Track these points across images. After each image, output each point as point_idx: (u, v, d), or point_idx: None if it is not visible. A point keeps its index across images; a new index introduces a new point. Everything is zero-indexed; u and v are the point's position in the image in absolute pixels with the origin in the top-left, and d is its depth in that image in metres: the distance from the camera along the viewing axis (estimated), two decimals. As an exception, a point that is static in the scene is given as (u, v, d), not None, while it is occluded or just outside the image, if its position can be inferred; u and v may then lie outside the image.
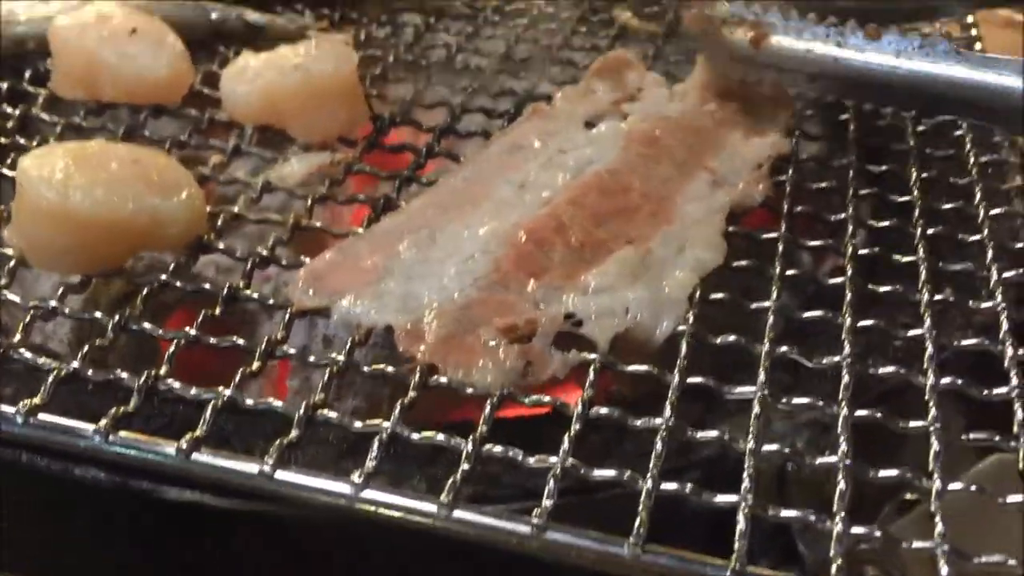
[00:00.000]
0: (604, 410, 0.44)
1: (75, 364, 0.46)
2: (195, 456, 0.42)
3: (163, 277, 0.51)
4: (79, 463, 0.44)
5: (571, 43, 0.81)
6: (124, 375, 0.45)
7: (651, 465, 0.41)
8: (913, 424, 0.44)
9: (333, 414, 0.44)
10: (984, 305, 0.51)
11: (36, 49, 0.71)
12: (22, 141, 0.63)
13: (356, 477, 0.40)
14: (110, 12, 0.68)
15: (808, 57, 0.65)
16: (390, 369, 0.46)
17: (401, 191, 0.60)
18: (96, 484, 0.44)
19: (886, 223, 0.58)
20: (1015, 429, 0.43)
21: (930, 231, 0.56)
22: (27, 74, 0.71)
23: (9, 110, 0.67)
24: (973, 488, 0.40)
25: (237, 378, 0.45)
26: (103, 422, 0.42)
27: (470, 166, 0.61)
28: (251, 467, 0.41)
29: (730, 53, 0.67)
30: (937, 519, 0.39)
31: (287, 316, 0.49)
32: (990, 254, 0.54)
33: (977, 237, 0.56)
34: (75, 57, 0.67)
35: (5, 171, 0.60)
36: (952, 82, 0.61)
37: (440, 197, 0.58)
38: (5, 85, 0.69)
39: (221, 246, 0.55)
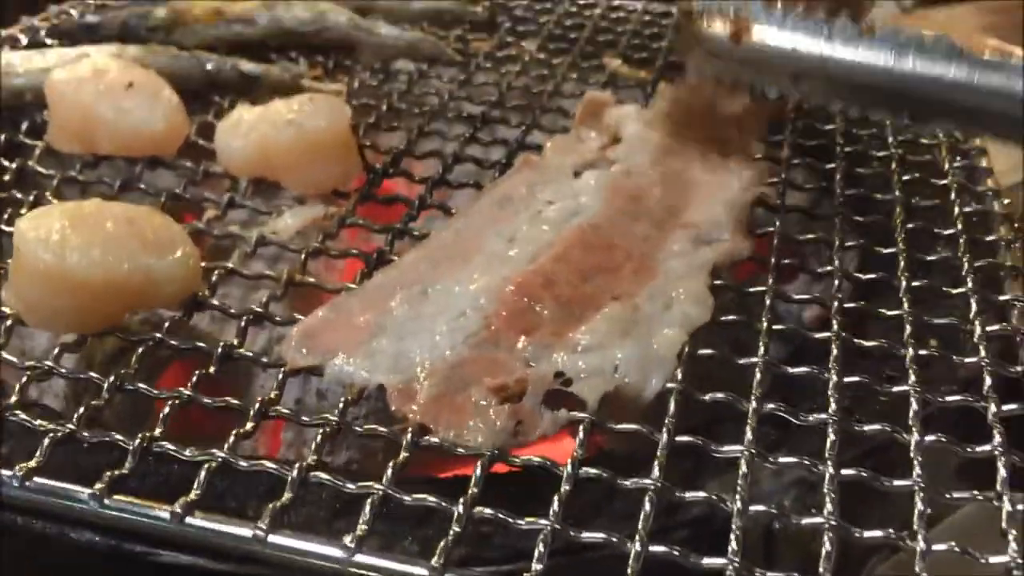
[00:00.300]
0: (593, 471, 0.44)
1: (71, 426, 0.46)
2: (189, 520, 0.42)
3: (158, 335, 0.52)
4: (74, 526, 0.45)
5: (562, 90, 0.82)
6: (119, 437, 0.46)
7: (639, 526, 0.41)
8: (898, 483, 0.44)
9: (326, 476, 0.44)
10: (968, 360, 0.52)
11: (33, 101, 0.72)
12: (19, 195, 0.64)
13: (348, 541, 0.41)
14: (106, 66, 0.69)
15: (793, 55, 0.59)
16: (382, 429, 0.47)
17: (394, 244, 0.61)
18: (91, 547, 0.45)
19: (871, 275, 0.59)
20: (998, 487, 0.44)
21: (915, 283, 0.57)
22: (24, 126, 0.72)
23: (6, 163, 0.67)
24: (957, 549, 0.41)
25: (231, 439, 0.46)
26: (98, 486, 0.43)
27: (461, 219, 0.62)
28: (244, 531, 0.42)
29: (707, 48, 0.61)
30: (922, 581, 0.40)
31: (280, 375, 0.50)
32: (974, 307, 0.55)
33: (962, 289, 0.57)
34: (71, 111, 0.67)
35: (3, 227, 0.61)
36: (956, 85, 0.55)
37: (432, 251, 0.59)
38: (2, 137, 0.70)
39: (216, 302, 0.55)
